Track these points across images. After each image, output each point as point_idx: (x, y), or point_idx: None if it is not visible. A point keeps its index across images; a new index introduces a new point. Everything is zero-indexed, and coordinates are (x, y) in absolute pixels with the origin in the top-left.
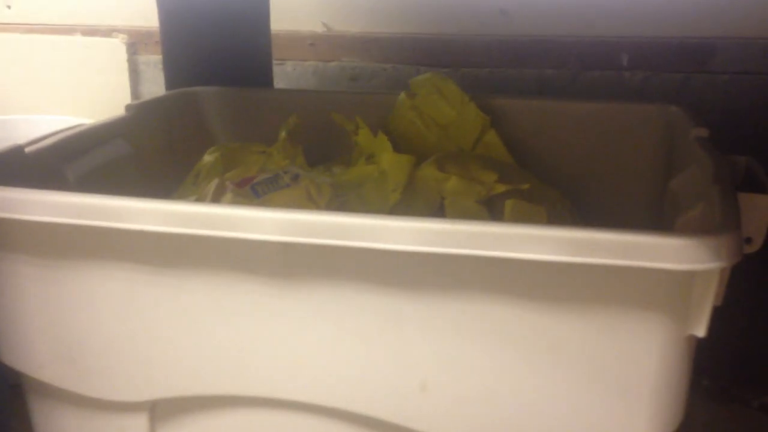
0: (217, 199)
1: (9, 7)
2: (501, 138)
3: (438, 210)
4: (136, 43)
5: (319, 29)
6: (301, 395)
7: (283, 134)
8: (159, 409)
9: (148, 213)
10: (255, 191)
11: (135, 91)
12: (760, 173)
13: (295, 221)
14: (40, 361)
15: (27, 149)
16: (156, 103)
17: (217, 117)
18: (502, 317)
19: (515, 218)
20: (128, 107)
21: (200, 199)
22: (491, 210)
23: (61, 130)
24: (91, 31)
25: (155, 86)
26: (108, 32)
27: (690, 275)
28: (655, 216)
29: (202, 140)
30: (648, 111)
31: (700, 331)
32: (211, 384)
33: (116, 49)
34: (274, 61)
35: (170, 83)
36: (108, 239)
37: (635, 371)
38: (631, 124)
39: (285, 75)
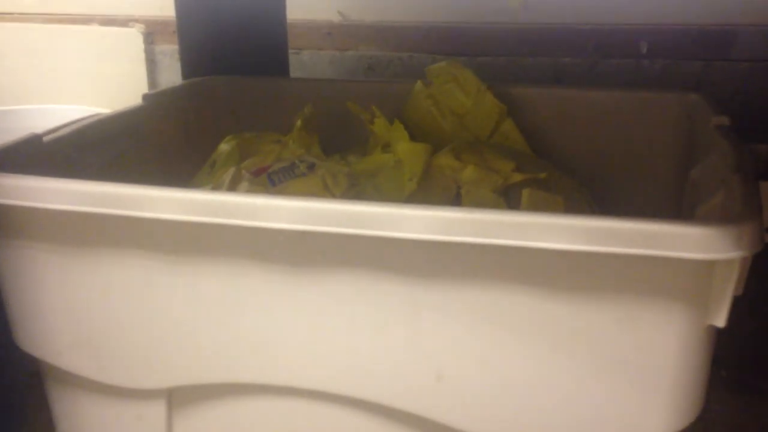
0: (233, 187)
1: None
2: (518, 127)
3: (454, 199)
4: (153, 32)
5: (336, 18)
6: (316, 384)
7: (298, 123)
8: (176, 397)
9: (165, 201)
10: (271, 180)
11: (152, 81)
12: None
13: (312, 210)
14: (59, 348)
15: (45, 138)
16: (172, 93)
17: (234, 106)
18: (519, 307)
19: (532, 207)
20: (145, 97)
21: (216, 187)
22: (508, 199)
23: (79, 120)
24: (108, 21)
25: (172, 75)
26: (125, 22)
27: (710, 265)
28: (675, 205)
29: (218, 130)
30: (667, 99)
31: (720, 322)
32: (228, 372)
33: (133, 39)
34: (291, 51)
35: (187, 73)
36: (126, 227)
37: (654, 362)
38: (651, 113)
39: (301, 64)
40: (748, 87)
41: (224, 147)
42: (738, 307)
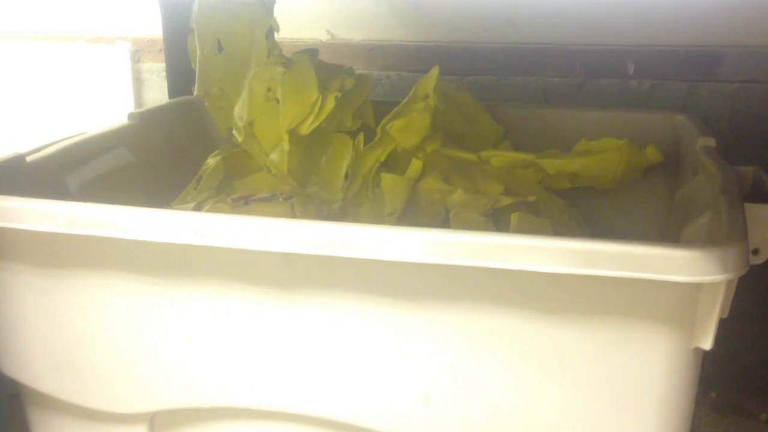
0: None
1: (14, 14)
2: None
3: (443, 222)
4: (139, 51)
5: (324, 37)
6: (301, 407)
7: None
8: (159, 421)
9: (147, 222)
10: (246, 204)
11: (138, 99)
12: (767, 183)
13: (298, 231)
14: (40, 371)
15: (29, 158)
16: (158, 111)
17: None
18: (507, 329)
19: (521, 232)
20: (131, 115)
21: (197, 209)
22: (497, 222)
23: (63, 139)
24: (95, 39)
25: (159, 94)
26: (112, 40)
27: (696, 287)
28: (662, 225)
29: (204, 148)
30: (654, 120)
31: (706, 344)
32: (211, 395)
33: (120, 57)
34: None
35: (173, 91)
36: (108, 249)
37: (641, 383)
38: (638, 133)
39: None
40: (735, 108)
41: (211, 162)
42: (726, 328)
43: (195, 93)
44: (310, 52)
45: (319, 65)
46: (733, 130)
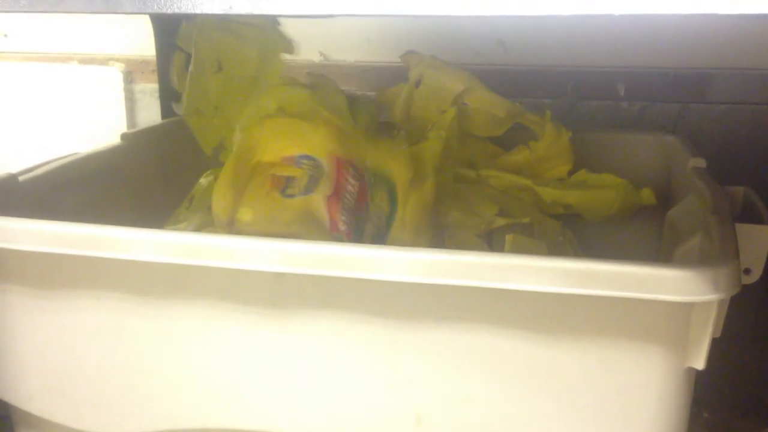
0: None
1: (5, 35)
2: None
3: (437, 243)
4: (132, 71)
5: (317, 58)
6: (294, 428)
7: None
8: None
9: (140, 243)
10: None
11: (131, 120)
12: (757, 204)
13: (289, 251)
14: (30, 392)
15: (21, 178)
16: (151, 132)
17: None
18: (500, 349)
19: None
20: (123, 136)
21: (191, 228)
22: (491, 243)
23: (55, 159)
24: (88, 60)
25: (151, 114)
26: (105, 61)
27: (688, 307)
28: (654, 244)
29: (196, 169)
30: (645, 141)
31: (699, 364)
32: (203, 417)
33: (113, 78)
34: None
35: (166, 111)
36: (100, 269)
37: (634, 403)
38: (629, 154)
39: None
40: (724, 129)
41: (203, 182)
42: (720, 348)
43: (182, 110)
44: (326, 78)
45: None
46: (723, 151)
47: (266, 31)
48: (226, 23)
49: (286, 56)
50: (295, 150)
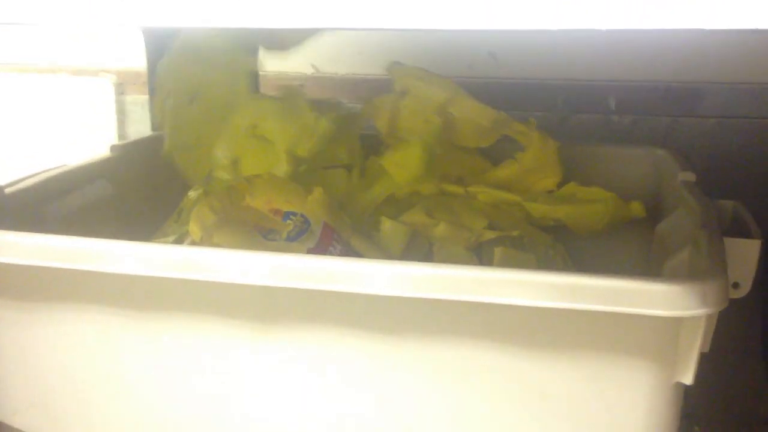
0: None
1: None
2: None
3: (426, 256)
4: (123, 83)
5: (309, 71)
6: None
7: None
8: None
9: (127, 256)
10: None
11: (122, 131)
12: (747, 218)
13: (277, 265)
14: (15, 407)
15: (7, 190)
16: (141, 144)
17: None
18: (488, 365)
19: (505, 266)
20: (113, 147)
21: (178, 242)
22: (480, 256)
23: (43, 171)
24: (78, 71)
25: (142, 126)
26: (96, 72)
27: (677, 321)
28: (643, 258)
29: (186, 182)
30: (636, 154)
31: (687, 379)
32: None
33: (104, 89)
34: None
35: (156, 124)
36: (85, 282)
37: (622, 418)
38: (619, 167)
39: None
40: (715, 143)
41: (192, 195)
42: (710, 363)
43: (165, 150)
44: (295, 88)
45: (307, 99)
46: (713, 165)
47: (235, 53)
48: (196, 53)
49: (279, 70)
50: (287, 207)
